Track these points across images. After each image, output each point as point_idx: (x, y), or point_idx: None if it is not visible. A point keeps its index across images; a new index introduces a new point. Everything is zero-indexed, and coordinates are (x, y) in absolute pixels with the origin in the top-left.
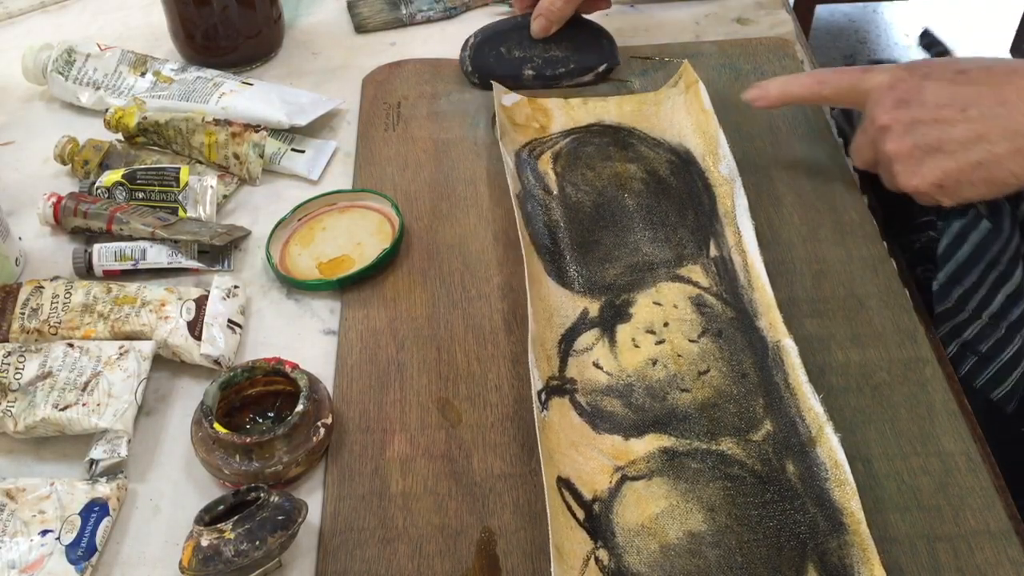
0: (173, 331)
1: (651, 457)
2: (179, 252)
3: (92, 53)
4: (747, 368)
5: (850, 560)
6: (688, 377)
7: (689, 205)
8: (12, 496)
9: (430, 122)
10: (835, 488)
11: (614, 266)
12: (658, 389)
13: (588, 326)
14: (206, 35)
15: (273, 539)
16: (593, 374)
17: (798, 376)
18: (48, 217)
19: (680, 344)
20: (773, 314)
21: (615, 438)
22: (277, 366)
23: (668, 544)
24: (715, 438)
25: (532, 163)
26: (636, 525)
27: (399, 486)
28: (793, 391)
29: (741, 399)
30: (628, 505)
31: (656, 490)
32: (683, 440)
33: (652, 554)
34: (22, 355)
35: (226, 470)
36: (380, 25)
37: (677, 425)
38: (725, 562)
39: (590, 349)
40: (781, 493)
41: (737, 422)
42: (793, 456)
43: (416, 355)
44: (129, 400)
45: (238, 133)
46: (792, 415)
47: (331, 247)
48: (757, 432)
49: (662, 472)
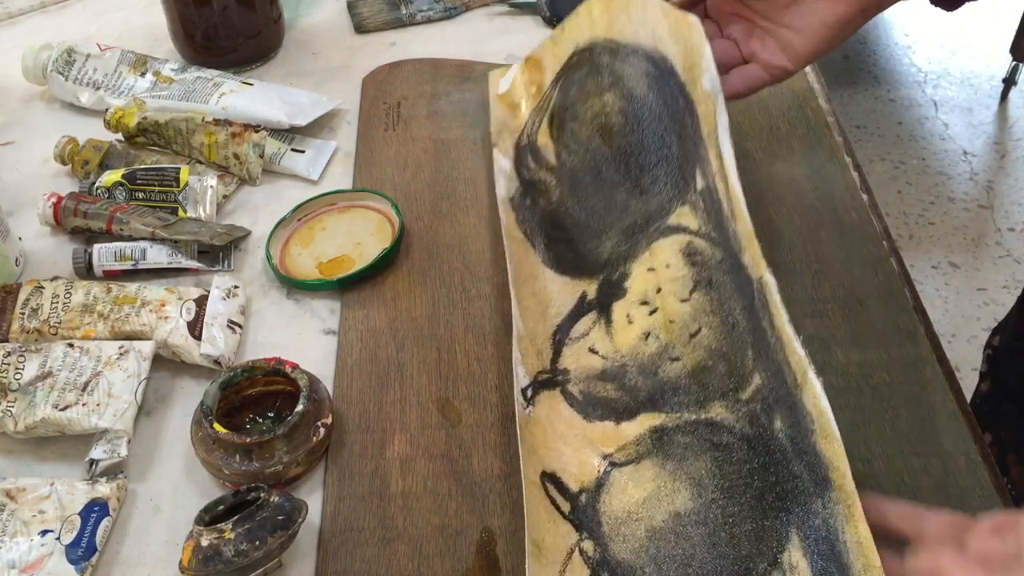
0: (173, 331)
1: (641, 440)
2: (179, 252)
3: (92, 53)
4: (737, 317)
5: (834, 520)
6: (679, 343)
7: (672, 130)
8: (12, 496)
9: (430, 122)
10: (821, 441)
11: (609, 236)
12: (650, 364)
13: (586, 310)
14: (206, 35)
15: (273, 539)
16: (588, 360)
17: (781, 317)
18: (48, 217)
19: (672, 308)
20: (753, 247)
21: (607, 424)
22: (277, 366)
23: (654, 528)
24: (704, 405)
25: (533, 145)
26: (623, 512)
27: (399, 486)
28: (779, 334)
29: (731, 353)
30: (616, 493)
31: (644, 474)
32: (673, 415)
33: (638, 541)
34: (22, 355)
35: (226, 470)
36: (380, 25)
37: (667, 399)
38: (710, 540)
39: (586, 335)
40: (769, 454)
41: (727, 382)
42: (781, 409)
43: (416, 355)
44: (129, 400)
45: (238, 133)
46: (779, 362)
47: (331, 247)
48: (746, 389)
49: (651, 454)
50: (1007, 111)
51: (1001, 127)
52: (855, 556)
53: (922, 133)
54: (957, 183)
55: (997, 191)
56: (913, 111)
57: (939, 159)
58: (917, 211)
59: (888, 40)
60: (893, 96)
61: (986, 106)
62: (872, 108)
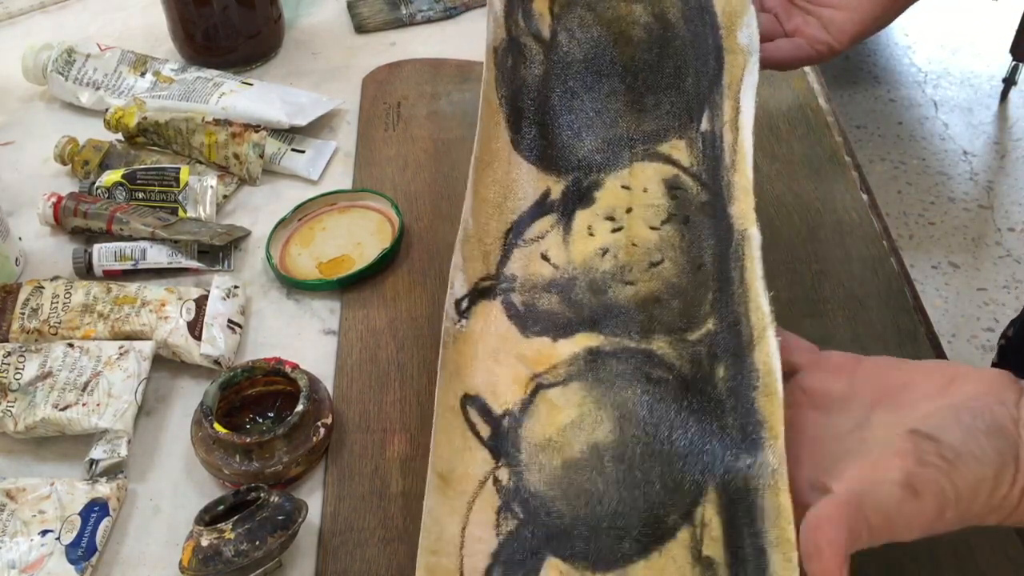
0: (173, 331)
1: (573, 360)
2: (179, 252)
3: (92, 53)
4: (706, 259)
5: (755, 482)
6: (637, 268)
7: (691, 65)
8: (12, 496)
9: (430, 122)
10: (761, 397)
11: (591, 138)
12: (600, 282)
13: (547, 210)
14: (206, 35)
15: (273, 539)
16: (538, 267)
17: (754, 270)
18: (48, 217)
19: (638, 231)
20: (747, 200)
21: (543, 340)
22: (277, 366)
23: (571, 459)
24: (648, 336)
25: (526, 5)
26: (543, 439)
27: (399, 486)
28: (746, 286)
29: (689, 293)
30: (539, 417)
31: (570, 397)
32: (612, 338)
33: (553, 471)
34: (22, 355)
35: (226, 470)
36: (380, 25)
37: (610, 322)
38: (624, 478)
39: (541, 238)
40: (703, 400)
41: (677, 319)
42: (727, 360)
43: (416, 355)
44: (129, 400)
45: (238, 133)
46: (738, 313)
47: (331, 247)
48: (695, 331)
49: (580, 376)
50: (1007, 111)
51: (1001, 127)
52: (770, 524)
53: (922, 133)
54: (957, 183)
55: (997, 191)
56: (913, 111)
57: (939, 159)
58: (917, 211)
59: (888, 40)
60: (893, 96)
61: (986, 106)
62: (872, 108)
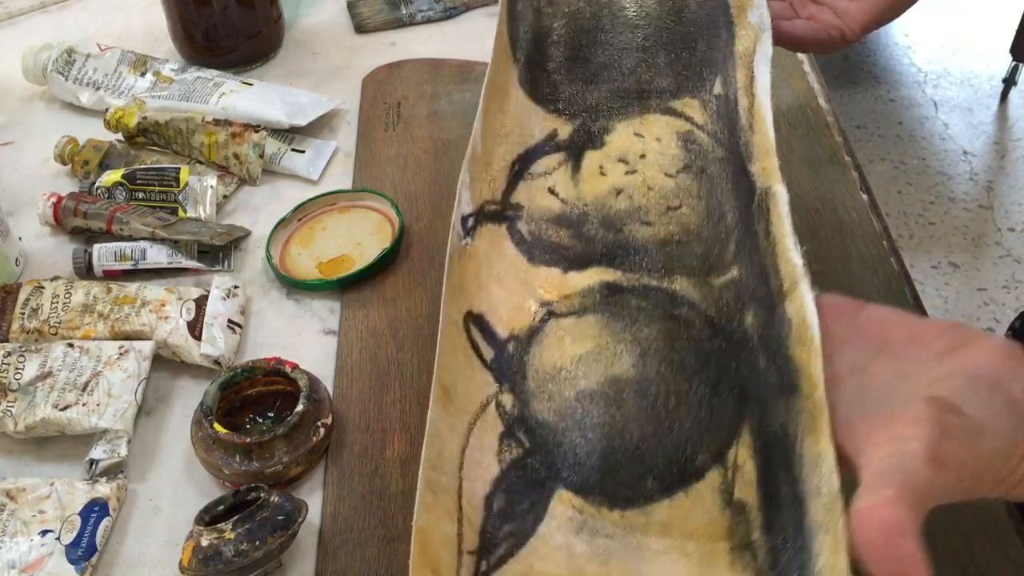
0: (173, 331)
1: (588, 292)
2: (179, 252)
3: (92, 53)
4: (726, 210)
5: (794, 428)
6: (655, 210)
7: (702, 34)
8: (12, 496)
9: (430, 122)
10: (796, 345)
11: (599, 88)
12: (615, 220)
13: (552, 149)
14: (206, 35)
15: (273, 539)
16: (545, 201)
17: (782, 226)
18: (48, 217)
19: (654, 177)
20: (769, 160)
21: (553, 271)
22: (277, 366)
23: (585, 390)
24: (669, 276)
25: None
26: (553, 368)
27: (399, 486)
28: (773, 241)
29: (710, 240)
30: (549, 346)
31: (585, 329)
32: (631, 275)
33: (565, 401)
34: (22, 355)
35: (226, 470)
36: (380, 25)
37: (628, 258)
38: (646, 414)
39: (548, 174)
40: (731, 342)
41: (699, 263)
42: (756, 307)
43: (416, 355)
44: (129, 400)
45: (238, 133)
46: (766, 265)
47: (331, 247)
48: (720, 276)
49: (597, 309)
50: (1007, 111)
51: (1001, 127)
52: (810, 473)
53: (922, 133)
54: (957, 183)
55: (997, 191)
56: (913, 111)
57: (939, 159)
58: (917, 211)
59: (888, 40)
60: (893, 96)
61: (986, 106)
62: (872, 108)
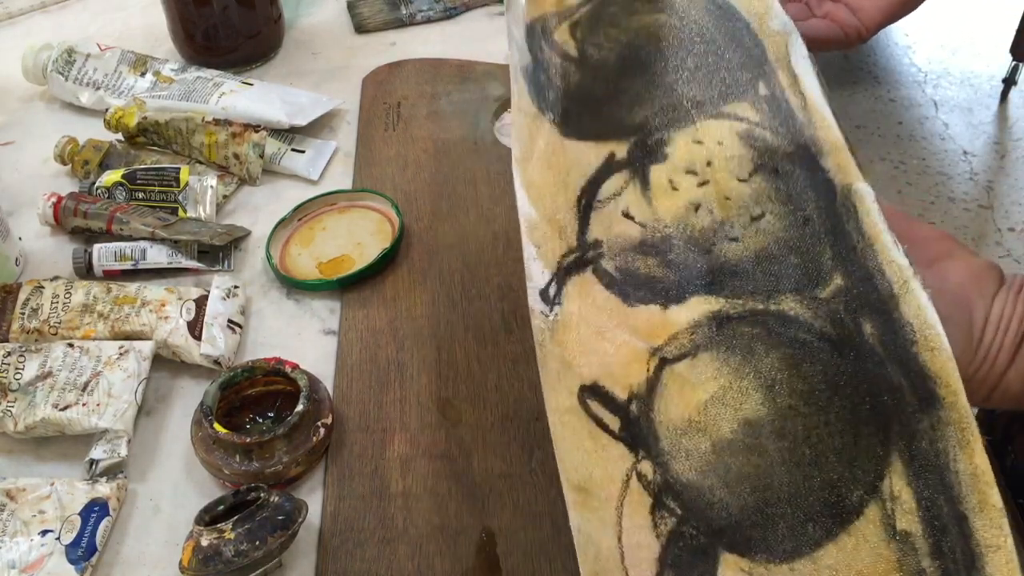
0: (173, 331)
1: (696, 327)
2: (179, 252)
3: (92, 53)
4: (810, 212)
5: (944, 444)
6: (738, 223)
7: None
8: (12, 496)
9: (430, 122)
10: (924, 352)
11: (645, 108)
12: (701, 240)
13: (615, 168)
14: (206, 35)
15: (273, 539)
16: (623, 228)
17: (875, 223)
18: (48, 217)
19: (727, 184)
20: (843, 155)
21: (652, 309)
22: (277, 366)
23: (721, 440)
24: (773, 296)
25: (547, 36)
26: (682, 421)
27: (399, 486)
28: (869, 240)
29: (804, 248)
30: (671, 397)
31: (703, 370)
32: (734, 300)
33: (703, 457)
34: (22, 355)
35: (226, 470)
36: (380, 25)
37: (727, 282)
38: (790, 457)
39: (618, 195)
40: (858, 360)
41: (800, 276)
42: (871, 315)
43: (416, 355)
44: (129, 400)
45: (238, 133)
46: (869, 268)
47: (331, 247)
48: (825, 288)
49: (709, 346)
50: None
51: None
52: (969, 490)
53: (922, 133)
54: (957, 183)
55: (997, 191)
56: (913, 111)
57: (939, 159)
58: (917, 211)
59: (888, 40)
60: (893, 96)
61: (986, 106)
62: (872, 108)
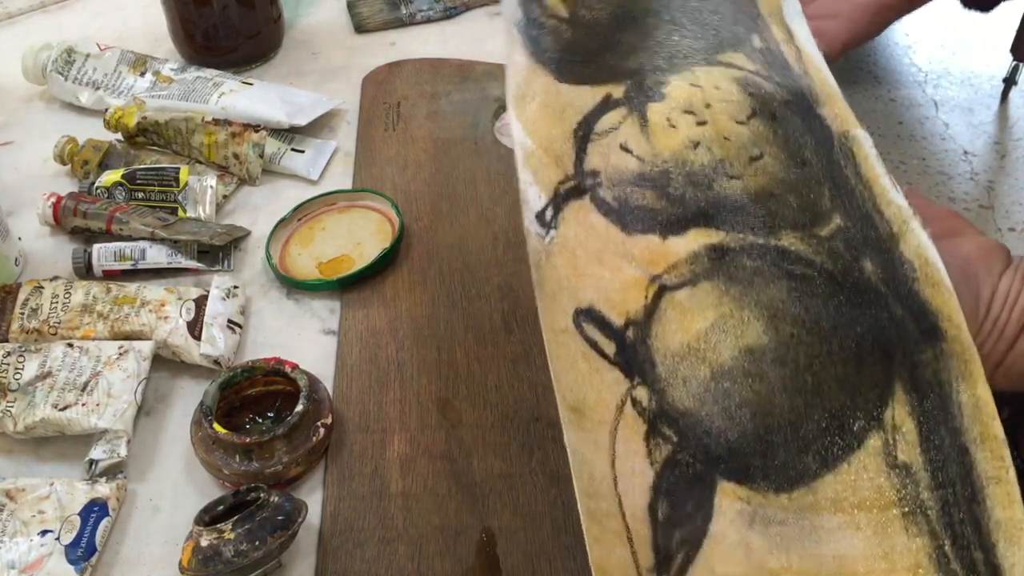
0: (173, 331)
1: (695, 258)
2: (179, 252)
3: (92, 53)
4: (808, 155)
5: (947, 375)
6: (737, 162)
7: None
8: (12, 496)
9: (430, 122)
10: (926, 287)
11: (640, 56)
12: (701, 176)
13: (611, 107)
14: (206, 35)
15: (273, 539)
16: (620, 159)
17: (873, 168)
18: (48, 217)
19: (726, 126)
20: (839, 103)
21: (650, 238)
22: (277, 366)
23: (721, 367)
24: (774, 232)
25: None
26: (681, 348)
27: (399, 486)
28: (868, 183)
29: (802, 188)
30: (669, 323)
31: (704, 298)
32: (735, 234)
33: (702, 383)
34: (22, 355)
35: (226, 470)
36: (380, 25)
37: (727, 217)
38: (792, 384)
39: (615, 129)
40: (859, 294)
41: (799, 215)
42: (871, 253)
43: (416, 355)
44: (129, 400)
45: (238, 133)
46: (867, 209)
47: (331, 247)
48: (824, 227)
49: (710, 275)
50: (1007, 111)
51: (1001, 127)
52: (971, 421)
53: (922, 133)
54: (957, 183)
55: (997, 191)
56: (913, 111)
57: (939, 159)
58: None
59: (888, 40)
60: (893, 96)
61: (986, 106)
62: (872, 108)
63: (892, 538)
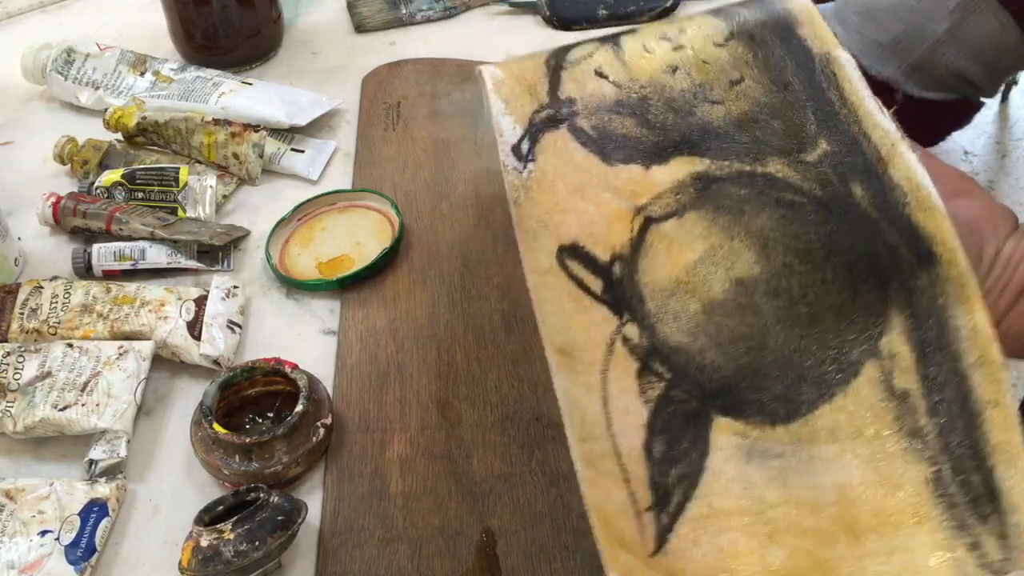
0: (173, 331)
1: (681, 187)
2: (179, 252)
3: (91, 53)
4: (789, 78)
5: (944, 300)
6: (718, 87)
7: None
8: (12, 496)
9: (430, 122)
10: (919, 213)
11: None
12: (681, 101)
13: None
14: (206, 35)
15: (273, 539)
16: (597, 86)
17: (857, 91)
18: (47, 217)
19: (704, 49)
20: (818, 23)
21: (633, 168)
22: (277, 366)
23: (712, 301)
24: (760, 159)
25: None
26: (670, 282)
27: (399, 486)
28: (852, 106)
29: (786, 113)
30: (657, 257)
31: (691, 229)
32: (720, 162)
33: (693, 317)
34: (21, 355)
35: (226, 470)
36: (380, 25)
37: (711, 144)
38: (786, 315)
39: (590, 56)
40: (851, 220)
41: (784, 140)
42: (860, 178)
43: (416, 355)
44: (128, 400)
45: (238, 133)
46: (854, 132)
47: (331, 247)
48: (811, 152)
49: (697, 204)
50: (1007, 111)
51: (1001, 127)
52: (969, 345)
53: None
54: None
55: (997, 191)
56: None
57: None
58: None
59: None
60: None
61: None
62: None
63: (890, 464)
